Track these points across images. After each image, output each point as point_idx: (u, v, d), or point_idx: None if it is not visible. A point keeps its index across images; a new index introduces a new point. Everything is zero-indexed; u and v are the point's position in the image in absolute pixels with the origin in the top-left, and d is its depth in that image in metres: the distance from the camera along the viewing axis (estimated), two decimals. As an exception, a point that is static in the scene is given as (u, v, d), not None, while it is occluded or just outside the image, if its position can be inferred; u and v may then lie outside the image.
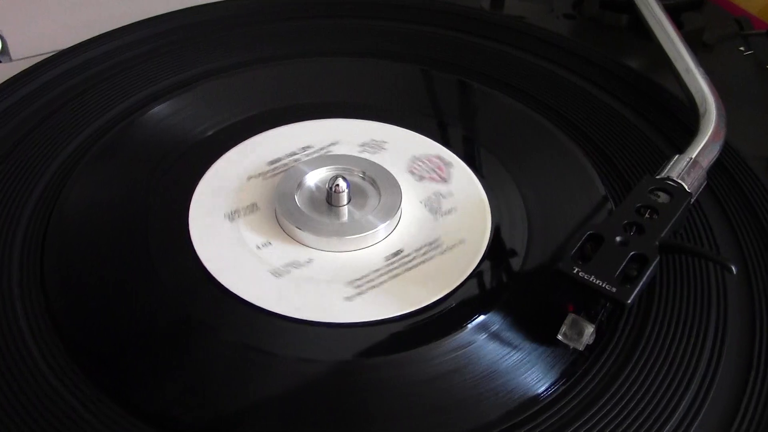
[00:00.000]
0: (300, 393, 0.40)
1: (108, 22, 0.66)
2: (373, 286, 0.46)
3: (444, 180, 0.49)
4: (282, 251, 0.48)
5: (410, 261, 0.48)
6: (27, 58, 0.65)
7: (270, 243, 0.48)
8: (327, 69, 0.64)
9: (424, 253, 0.48)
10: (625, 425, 0.39)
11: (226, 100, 0.59)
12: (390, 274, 0.47)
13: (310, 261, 0.47)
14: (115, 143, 0.55)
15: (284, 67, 0.64)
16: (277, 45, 0.67)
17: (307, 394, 0.40)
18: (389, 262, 0.47)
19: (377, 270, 0.47)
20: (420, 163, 0.51)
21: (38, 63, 0.63)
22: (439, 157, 0.52)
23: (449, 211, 0.51)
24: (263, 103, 0.60)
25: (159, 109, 0.58)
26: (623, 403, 0.40)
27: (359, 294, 0.45)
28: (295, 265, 0.47)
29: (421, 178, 0.50)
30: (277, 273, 0.46)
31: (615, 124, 0.59)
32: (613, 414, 0.40)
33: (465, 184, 0.53)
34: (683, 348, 0.43)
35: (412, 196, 0.52)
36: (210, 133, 0.57)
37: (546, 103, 0.62)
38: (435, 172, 0.50)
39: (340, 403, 0.40)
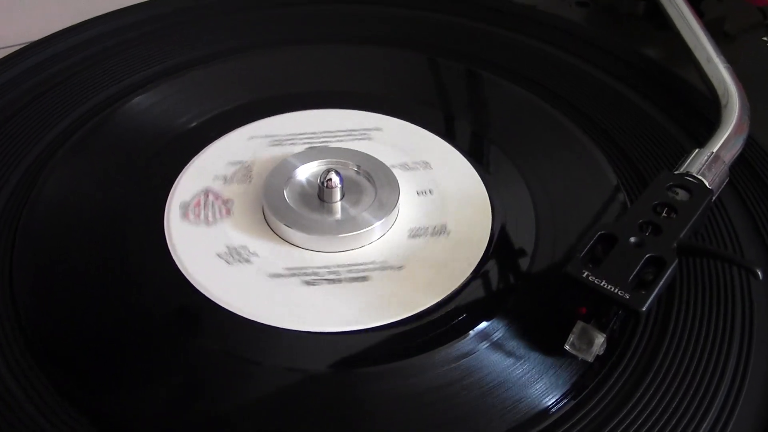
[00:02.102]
0: (285, 405, 0.38)
1: (89, 11, 0.65)
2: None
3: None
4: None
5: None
6: (5, 48, 0.64)
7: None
8: (319, 57, 0.62)
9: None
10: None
11: (213, 91, 0.58)
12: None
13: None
14: (94, 134, 0.54)
15: (272, 55, 0.63)
16: (264, 32, 0.66)
17: (293, 406, 0.38)
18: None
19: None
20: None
21: (16, 51, 0.61)
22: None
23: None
24: (250, 92, 0.58)
25: (140, 100, 0.57)
26: (640, 421, 0.38)
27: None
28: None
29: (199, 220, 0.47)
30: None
31: (631, 116, 0.58)
32: None
33: (464, 178, 0.52)
34: (705, 361, 0.41)
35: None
36: (194, 124, 0.55)
37: (556, 93, 0.60)
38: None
39: (325, 418, 0.38)
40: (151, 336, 0.41)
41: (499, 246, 0.47)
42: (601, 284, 0.38)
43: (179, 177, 0.50)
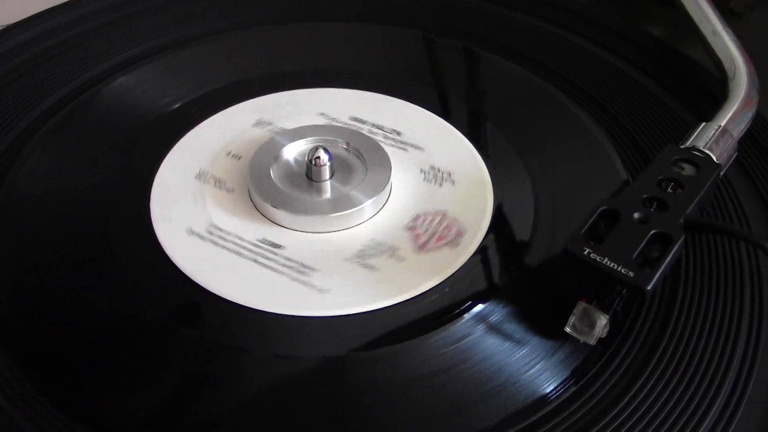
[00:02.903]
0: (273, 394, 0.37)
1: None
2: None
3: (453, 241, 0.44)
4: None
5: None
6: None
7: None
8: (308, 35, 0.61)
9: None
10: (647, 433, 0.35)
11: (198, 71, 0.57)
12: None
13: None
14: (74, 116, 0.52)
15: (258, 34, 0.61)
16: (248, 11, 0.64)
17: (280, 395, 0.37)
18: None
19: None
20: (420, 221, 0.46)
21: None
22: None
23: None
24: (237, 72, 0.57)
25: (123, 81, 0.55)
26: (644, 407, 0.37)
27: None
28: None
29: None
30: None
31: (634, 95, 0.56)
32: (634, 419, 0.36)
33: (463, 157, 0.50)
34: (714, 342, 0.39)
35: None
36: (177, 105, 0.54)
37: (557, 72, 0.58)
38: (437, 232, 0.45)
39: (312, 406, 0.37)
40: (140, 328, 0.40)
41: (498, 226, 0.45)
42: (604, 262, 0.37)
43: (163, 160, 0.49)
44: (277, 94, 0.54)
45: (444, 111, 0.54)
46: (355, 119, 0.52)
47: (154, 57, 0.58)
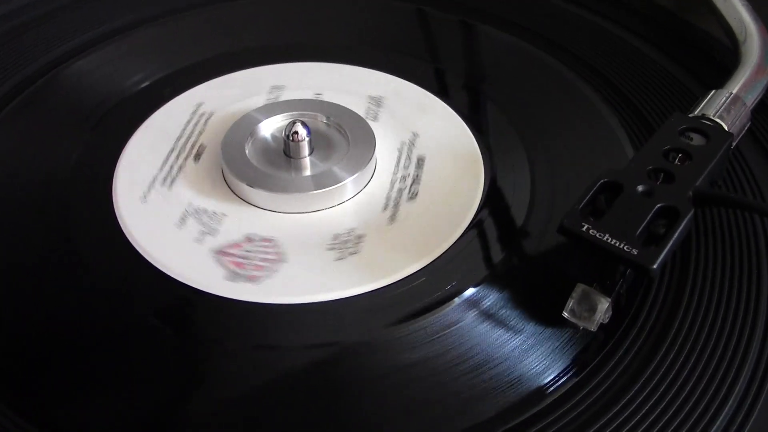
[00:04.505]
0: (253, 388, 0.36)
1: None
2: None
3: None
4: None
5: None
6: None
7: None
8: (281, 8, 0.60)
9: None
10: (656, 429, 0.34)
11: (165, 49, 0.56)
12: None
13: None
14: (35, 98, 0.51)
15: (227, 9, 0.60)
16: None
17: (261, 388, 0.36)
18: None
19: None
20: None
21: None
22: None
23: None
24: (206, 49, 0.56)
25: (86, 61, 0.54)
26: (652, 401, 0.35)
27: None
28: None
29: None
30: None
31: (638, 65, 0.55)
32: (641, 414, 0.34)
33: (451, 129, 0.49)
34: (729, 327, 0.38)
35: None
36: (145, 84, 0.52)
37: (555, 42, 0.57)
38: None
39: (290, 399, 0.35)
40: (107, 326, 0.38)
41: (491, 204, 0.44)
42: (605, 239, 0.35)
43: (128, 141, 0.47)
44: (256, 68, 0.53)
45: (432, 82, 0.53)
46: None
47: (118, 37, 0.57)
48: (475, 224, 0.43)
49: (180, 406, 0.35)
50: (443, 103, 0.50)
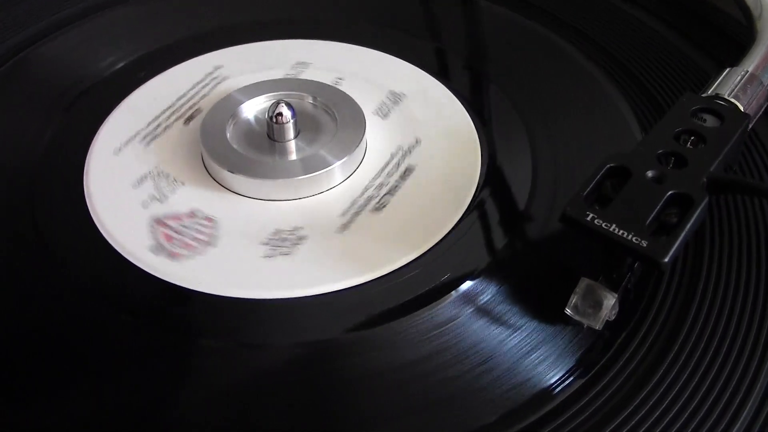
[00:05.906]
0: (233, 389, 0.35)
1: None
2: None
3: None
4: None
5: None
6: None
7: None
8: None
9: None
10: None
11: (138, 29, 0.55)
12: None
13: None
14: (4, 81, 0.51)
15: None
16: None
17: (242, 389, 0.35)
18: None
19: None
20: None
21: None
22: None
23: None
24: (184, 28, 0.55)
25: (58, 42, 0.54)
26: (665, 404, 0.34)
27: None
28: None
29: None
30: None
31: (646, 42, 0.54)
32: (652, 419, 0.33)
33: (448, 113, 0.48)
34: (746, 326, 0.37)
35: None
36: (120, 65, 0.52)
37: (559, 18, 0.56)
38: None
39: (280, 399, 0.35)
40: (75, 320, 0.38)
41: (489, 191, 0.43)
42: (611, 229, 0.34)
43: (102, 126, 0.47)
44: (234, 47, 0.53)
45: (429, 62, 0.52)
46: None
47: (91, 16, 0.56)
48: (471, 212, 0.42)
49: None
50: (442, 86, 0.49)
